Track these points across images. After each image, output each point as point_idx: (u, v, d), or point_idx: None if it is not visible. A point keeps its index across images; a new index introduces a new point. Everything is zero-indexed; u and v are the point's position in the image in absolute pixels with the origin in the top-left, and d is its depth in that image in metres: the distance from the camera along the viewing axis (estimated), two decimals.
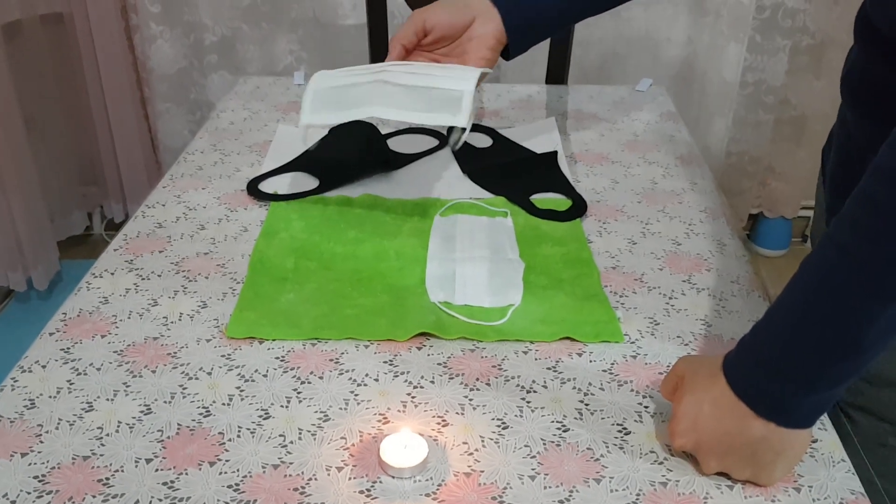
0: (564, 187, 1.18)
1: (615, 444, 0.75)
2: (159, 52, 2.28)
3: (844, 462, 0.73)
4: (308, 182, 1.19)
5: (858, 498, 0.69)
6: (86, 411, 0.78)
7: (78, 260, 2.46)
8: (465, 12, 1.01)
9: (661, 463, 0.73)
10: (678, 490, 0.71)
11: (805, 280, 0.66)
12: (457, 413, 0.79)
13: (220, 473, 0.72)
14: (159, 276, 0.99)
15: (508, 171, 1.22)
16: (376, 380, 0.83)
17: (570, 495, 0.70)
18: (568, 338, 0.89)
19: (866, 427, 0.88)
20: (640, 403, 0.80)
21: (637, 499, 0.70)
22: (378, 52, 1.69)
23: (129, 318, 0.91)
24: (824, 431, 0.77)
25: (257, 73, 2.35)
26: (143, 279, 0.98)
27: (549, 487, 0.71)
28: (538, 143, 1.30)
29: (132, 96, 2.32)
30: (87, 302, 0.93)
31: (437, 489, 0.70)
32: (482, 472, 0.72)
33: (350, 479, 0.71)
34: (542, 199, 1.15)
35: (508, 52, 1.04)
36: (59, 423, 0.77)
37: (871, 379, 0.85)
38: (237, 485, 0.70)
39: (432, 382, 0.83)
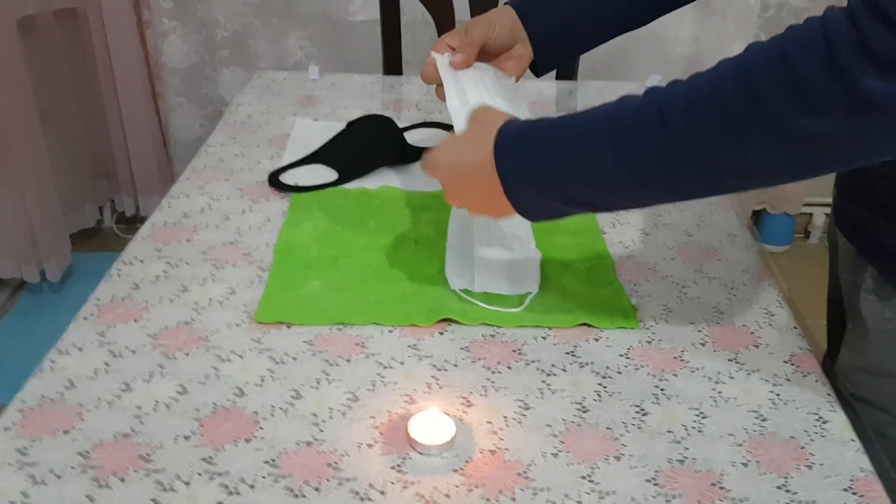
0: None
1: (633, 424, 0.78)
2: (171, 47, 2.31)
3: (854, 442, 0.76)
4: (327, 174, 1.22)
5: (868, 475, 0.73)
6: (123, 391, 0.81)
7: (89, 253, 2.49)
8: (513, 34, 1.00)
9: (678, 442, 0.76)
10: (695, 468, 0.74)
11: (615, 115, 0.71)
12: (480, 394, 0.82)
13: (257, 450, 0.75)
14: (188, 263, 1.02)
15: None
16: (401, 363, 0.86)
17: (591, 472, 0.73)
18: (585, 324, 0.92)
19: (866, 417, 0.91)
20: (657, 386, 0.83)
21: (656, 475, 0.73)
22: (391, 48, 1.72)
23: (160, 303, 0.94)
24: (834, 413, 0.80)
25: (268, 68, 2.38)
26: (173, 266, 1.01)
27: (572, 464, 0.74)
28: None
29: (144, 91, 2.35)
30: (119, 288, 0.96)
31: (465, 465, 0.74)
32: (507, 449, 0.75)
33: (381, 455, 0.74)
34: None
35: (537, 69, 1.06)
36: (98, 403, 0.80)
37: (871, 370, 0.88)
38: (273, 460, 0.74)
39: (455, 365, 0.86)
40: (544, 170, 0.74)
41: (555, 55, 1.03)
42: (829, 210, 2.62)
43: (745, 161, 0.65)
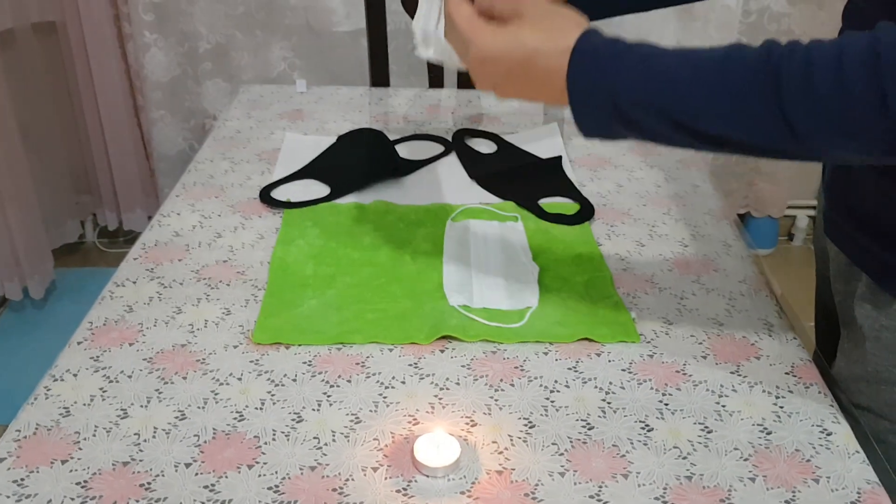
0: (571, 191, 1.21)
1: (639, 441, 0.78)
2: (153, 60, 2.29)
3: (859, 454, 0.76)
4: (319, 189, 1.21)
5: (875, 488, 0.73)
6: (121, 418, 0.80)
7: (71, 268, 2.46)
8: None
9: (684, 458, 0.76)
10: (703, 483, 0.73)
11: (730, 55, 0.67)
12: (484, 413, 0.81)
13: (259, 476, 0.73)
14: (181, 283, 1.00)
15: (515, 176, 1.25)
16: (403, 382, 0.85)
17: (599, 491, 0.73)
18: (586, 338, 0.91)
19: (866, 424, 0.91)
20: (661, 401, 0.83)
21: (664, 493, 0.72)
22: (378, 59, 1.71)
23: (154, 325, 0.93)
24: (838, 425, 0.80)
25: (251, 80, 2.36)
26: (166, 287, 0.99)
27: (579, 483, 0.73)
28: (542, 147, 1.33)
29: (126, 104, 2.33)
30: (111, 311, 0.95)
31: (471, 487, 0.73)
32: (513, 469, 0.75)
33: (386, 478, 0.74)
34: (550, 203, 1.18)
35: None
36: (95, 430, 0.78)
37: (869, 378, 0.88)
38: (277, 486, 0.72)
39: (457, 384, 0.85)
40: (622, 90, 0.69)
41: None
42: (812, 212, 2.64)
43: (845, 150, 0.65)
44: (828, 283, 1.07)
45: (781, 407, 0.82)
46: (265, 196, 1.19)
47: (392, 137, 1.34)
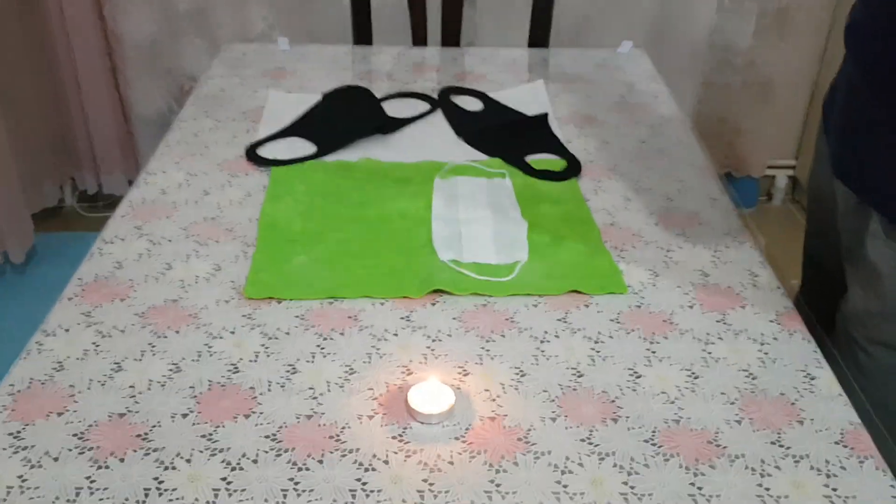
0: (558, 148, 1.22)
1: (628, 387, 0.80)
2: (130, 20, 2.25)
3: (842, 396, 0.79)
4: (306, 147, 1.21)
5: (857, 428, 0.75)
6: (115, 371, 0.80)
7: (52, 232, 2.43)
8: None
9: (672, 402, 0.78)
10: (690, 426, 0.75)
11: None
12: (476, 363, 0.82)
13: (256, 425, 0.74)
14: (170, 240, 1.00)
15: (502, 133, 1.25)
16: (395, 335, 0.86)
17: (590, 434, 0.74)
18: (575, 291, 0.93)
19: (881, 359, 0.93)
20: (649, 349, 0.85)
21: (653, 435, 0.74)
22: (361, 17, 1.69)
23: (145, 282, 0.93)
24: (821, 369, 0.82)
25: (231, 40, 2.32)
26: (155, 244, 0.99)
27: (570, 428, 0.75)
28: (528, 105, 1.33)
29: (103, 66, 2.29)
30: (101, 267, 0.95)
31: (465, 433, 0.74)
32: (506, 415, 0.76)
33: (382, 426, 0.75)
34: (537, 159, 1.19)
35: None
36: (90, 384, 0.78)
37: (886, 314, 0.91)
38: (274, 435, 0.73)
39: (449, 336, 0.86)
40: None
41: None
42: (791, 172, 2.67)
43: None
44: (822, 229, 1.09)
45: (766, 353, 0.84)
46: (251, 154, 1.19)
47: (378, 95, 1.33)
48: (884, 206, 0.89)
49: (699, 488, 0.69)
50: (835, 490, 0.69)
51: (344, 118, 1.24)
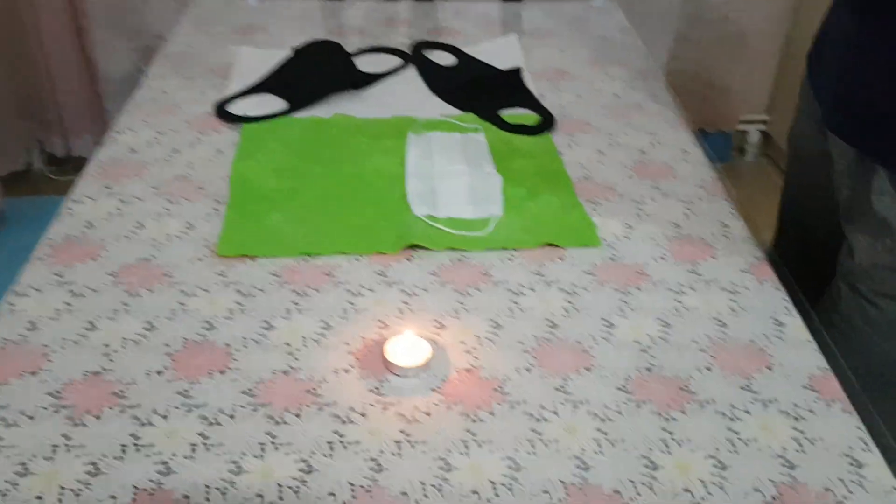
0: (531, 103, 1.21)
1: (602, 337, 0.81)
2: None
3: (811, 342, 0.80)
4: (277, 103, 1.19)
5: (825, 373, 0.77)
6: (89, 330, 0.79)
7: (20, 197, 2.39)
8: None
9: (645, 351, 0.79)
10: (662, 374, 0.77)
11: None
12: (452, 317, 0.83)
13: (233, 381, 0.74)
14: (140, 199, 0.99)
15: (475, 88, 1.24)
16: (371, 290, 0.86)
17: (564, 383, 0.75)
18: (549, 244, 0.93)
19: (890, 311, 0.95)
20: (622, 300, 0.85)
21: (626, 383, 0.75)
22: None
23: (116, 241, 0.92)
24: (790, 316, 0.84)
25: None
26: (125, 203, 0.98)
27: (545, 378, 0.76)
28: (501, 60, 1.32)
29: (68, 25, 2.23)
30: (71, 227, 0.93)
31: (442, 384, 0.75)
32: (482, 367, 0.77)
33: (359, 379, 0.75)
34: (511, 114, 1.18)
35: None
36: (63, 343, 0.78)
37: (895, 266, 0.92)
38: (250, 390, 0.74)
39: (425, 290, 0.86)
40: None
41: None
42: (763, 127, 2.68)
43: None
44: (804, 187, 1.08)
45: (737, 302, 0.85)
46: (221, 111, 1.17)
47: (349, 51, 1.32)
48: (893, 162, 0.87)
49: (670, 433, 0.70)
50: (802, 432, 0.71)
51: (315, 74, 1.23)
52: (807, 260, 1.11)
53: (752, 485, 0.66)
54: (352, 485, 0.65)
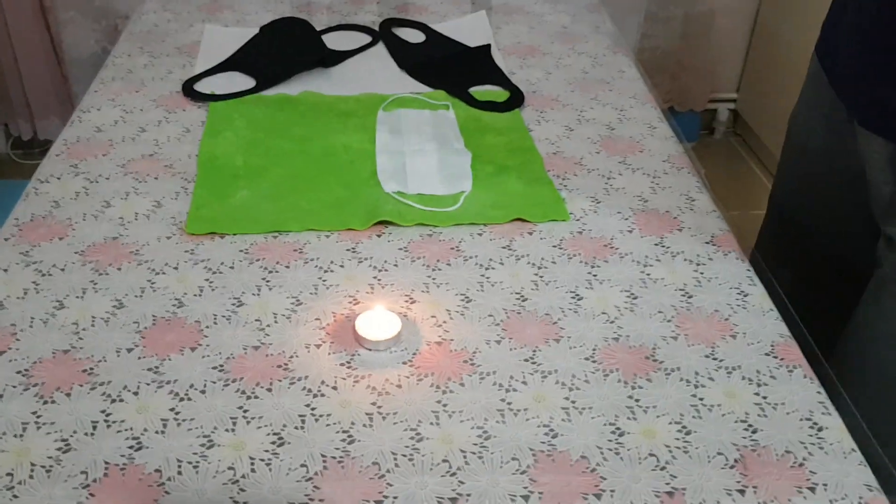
0: (500, 79, 1.21)
1: (570, 309, 0.82)
2: None
3: (773, 311, 0.82)
4: (244, 81, 1.18)
5: (787, 340, 0.78)
6: (57, 309, 0.79)
7: None
8: None
9: (612, 322, 0.80)
10: (629, 343, 0.78)
11: None
12: (422, 291, 0.84)
13: (203, 357, 0.75)
14: (107, 178, 0.98)
15: (445, 65, 1.24)
16: (342, 266, 0.86)
17: (533, 354, 0.76)
18: (519, 219, 0.94)
19: None
20: (590, 272, 0.87)
21: (593, 353, 0.77)
22: None
23: (84, 220, 0.91)
24: (753, 286, 0.85)
25: None
26: (92, 182, 0.97)
27: (515, 349, 0.77)
28: (470, 36, 1.32)
29: (32, 5, 2.19)
30: (38, 207, 0.93)
31: (413, 357, 0.76)
32: (452, 340, 0.78)
33: (329, 354, 0.76)
34: (481, 91, 1.19)
35: None
36: (32, 322, 0.78)
37: None
38: (221, 366, 0.74)
39: (395, 266, 0.87)
40: None
41: None
42: (732, 105, 2.71)
43: None
44: (805, 182, 1.06)
45: (702, 273, 0.87)
46: (188, 89, 1.16)
47: (318, 28, 1.31)
48: None
49: (636, 400, 0.72)
50: (765, 398, 0.72)
51: (283, 51, 1.22)
52: (798, 252, 1.09)
53: (715, 449, 0.67)
54: (323, 456, 0.66)
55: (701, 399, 0.72)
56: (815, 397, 0.73)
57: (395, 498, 0.63)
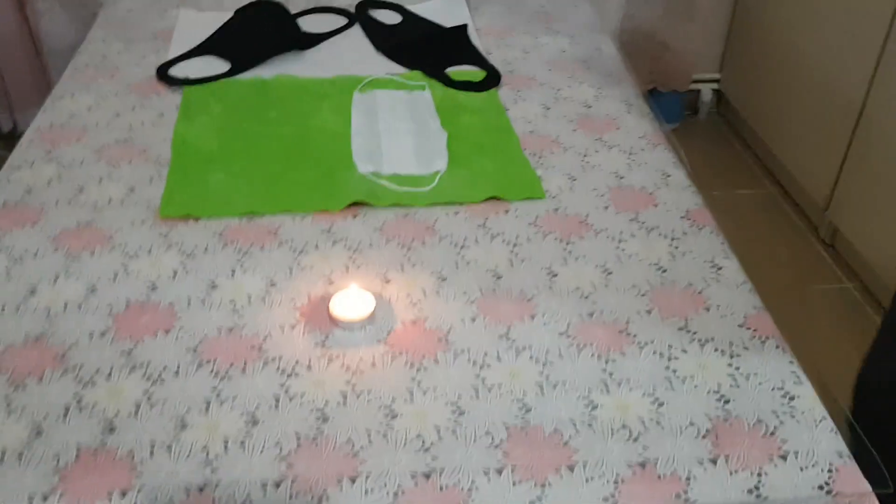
0: (477, 59, 1.21)
1: (544, 286, 0.82)
2: None
3: (746, 283, 0.82)
4: (219, 65, 1.18)
5: (759, 312, 0.79)
6: (29, 295, 0.79)
7: None
8: None
9: (586, 297, 0.80)
10: (603, 319, 0.78)
11: None
12: (397, 271, 0.83)
13: (177, 339, 0.74)
14: (81, 164, 0.97)
15: (421, 45, 1.24)
16: (316, 247, 0.86)
17: (507, 331, 0.76)
18: (494, 198, 0.94)
19: None
20: (565, 249, 0.87)
21: (567, 328, 0.77)
22: None
23: (56, 206, 0.90)
24: (727, 260, 0.85)
25: None
26: (65, 168, 0.96)
27: (489, 327, 0.77)
28: (447, 17, 1.32)
29: None
30: (10, 193, 0.92)
31: (387, 336, 0.76)
32: (426, 318, 0.78)
33: (304, 334, 0.76)
34: (457, 71, 1.18)
35: None
36: (3, 308, 0.77)
37: None
38: (195, 348, 0.74)
39: (370, 246, 0.87)
40: None
41: None
42: (716, 86, 2.71)
43: None
44: None
45: (676, 248, 0.87)
46: (163, 74, 1.15)
47: (292, 11, 1.30)
48: None
49: (610, 374, 0.72)
50: (737, 369, 0.73)
51: (258, 35, 1.21)
52: None
53: (688, 420, 0.68)
54: (297, 435, 0.66)
55: (674, 371, 0.72)
56: (788, 367, 0.73)
57: (369, 474, 0.63)
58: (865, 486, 0.63)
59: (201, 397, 0.69)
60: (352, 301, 0.77)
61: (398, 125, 1.05)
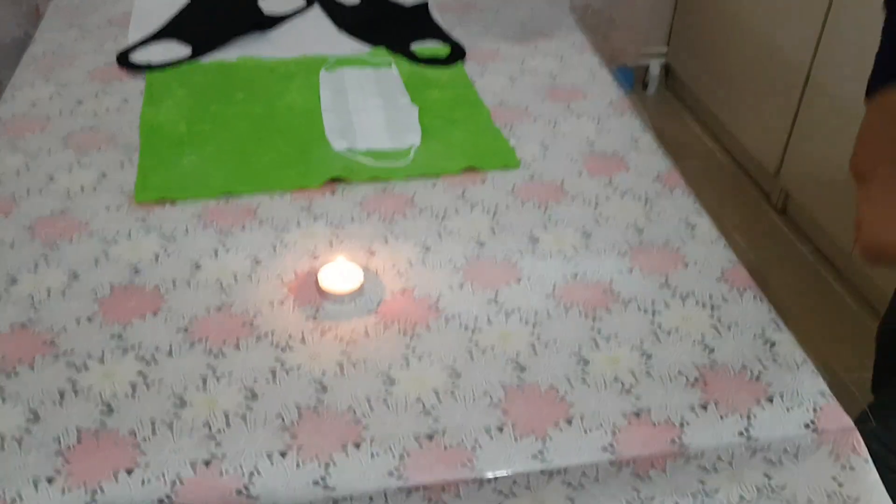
0: (440, 35, 1.22)
1: (527, 251, 0.83)
2: None
3: (721, 239, 0.85)
4: (180, 49, 1.16)
5: (735, 266, 0.82)
6: (10, 285, 0.77)
7: None
8: None
9: (569, 260, 0.82)
10: (587, 280, 0.80)
11: None
12: (381, 243, 0.84)
13: (167, 320, 0.74)
14: (48, 153, 0.95)
15: (383, 23, 1.24)
16: (298, 224, 0.86)
17: (495, 295, 0.78)
18: (470, 169, 0.95)
19: None
20: (544, 215, 0.88)
21: (553, 290, 0.79)
22: None
23: (28, 195, 0.89)
24: (700, 218, 0.88)
25: None
26: (33, 158, 0.94)
27: (477, 292, 0.78)
28: None
29: None
30: None
31: (377, 307, 0.76)
32: (415, 287, 0.79)
33: (294, 309, 0.76)
34: (422, 47, 1.19)
35: None
36: None
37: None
38: (185, 328, 0.73)
39: (352, 221, 0.87)
40: None
41: None
42: (663, 60, 2.76)
43: None
44: None
45: (651, 208, 0.89)
46: (123, 61, 1.13)
47: None
48: None
49: (598, 331, 0.74)
50: (719, 319, 0.75)
51: (218, 17, 1.20)
52: None
53: (676, 369, 0.70)
54: (298, 406, 0.66)
55: (659, 325, 0.75)
56: (767, 315, 0.76)
57: (373, 439, 0.64)
58: (848, 422, 0.67)
59: (197, 375, 0.69)
60: (340, 274, 0.78)
61: (368, 101, 1.05)
